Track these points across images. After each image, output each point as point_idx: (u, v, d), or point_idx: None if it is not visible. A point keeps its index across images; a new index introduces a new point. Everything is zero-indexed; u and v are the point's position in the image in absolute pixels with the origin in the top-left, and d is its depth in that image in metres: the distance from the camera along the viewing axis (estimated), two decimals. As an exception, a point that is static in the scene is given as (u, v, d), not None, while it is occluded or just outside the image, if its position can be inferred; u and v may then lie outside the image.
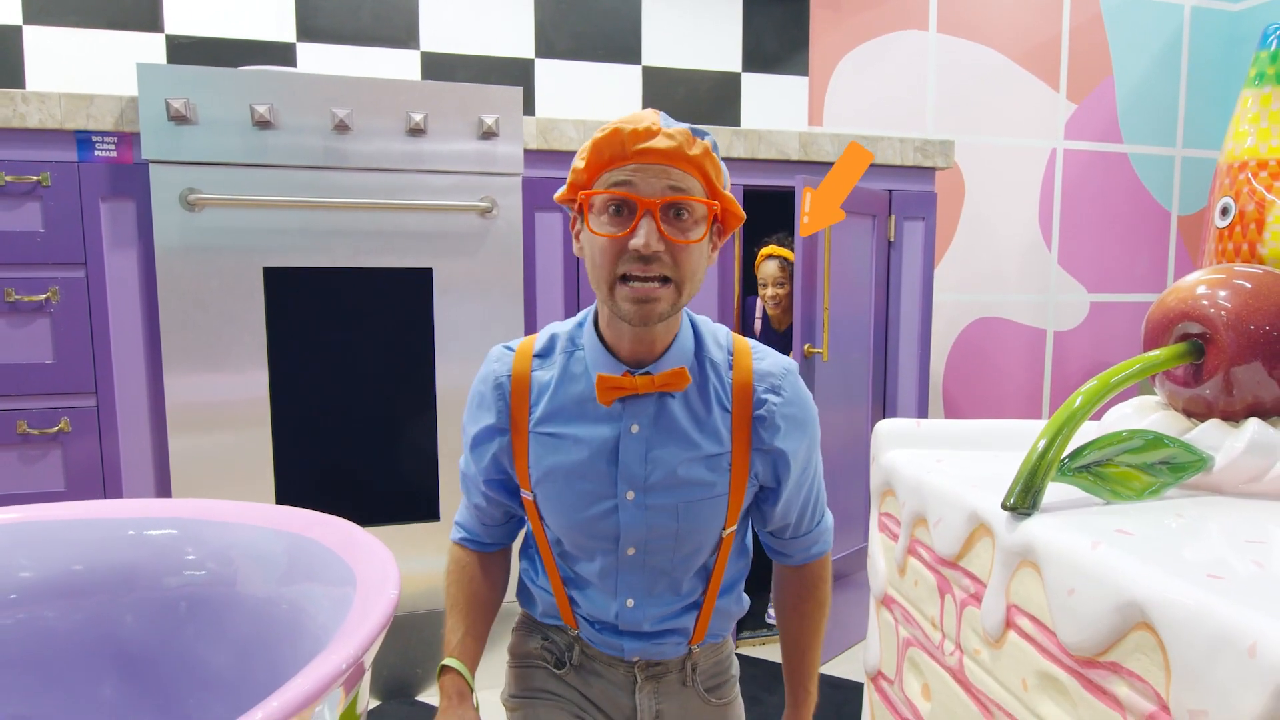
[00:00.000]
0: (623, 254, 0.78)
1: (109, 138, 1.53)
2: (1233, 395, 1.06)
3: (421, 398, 1.68)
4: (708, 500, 0.87)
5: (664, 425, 0.86)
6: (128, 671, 0.98)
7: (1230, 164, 1.96)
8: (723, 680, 1.01)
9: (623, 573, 0.89)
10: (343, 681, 0.70)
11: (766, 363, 0.89)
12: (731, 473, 0.88)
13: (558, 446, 0.86)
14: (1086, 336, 2.82)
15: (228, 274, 1.56)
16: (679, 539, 0.88)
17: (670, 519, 0.86)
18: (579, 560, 0.91)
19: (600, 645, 0.94)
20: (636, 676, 0.95)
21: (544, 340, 0.90)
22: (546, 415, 0.87)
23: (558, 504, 0.88)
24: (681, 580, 0.91)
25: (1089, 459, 0.99)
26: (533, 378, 0.87)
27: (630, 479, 0.85)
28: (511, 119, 1.66)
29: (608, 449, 0.85)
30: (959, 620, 1.10)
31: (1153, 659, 0.75)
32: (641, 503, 0.86)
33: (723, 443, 0.87)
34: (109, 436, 1.57)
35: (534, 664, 0.97)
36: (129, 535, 0.94)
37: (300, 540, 0.94)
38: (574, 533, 0.89)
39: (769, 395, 0.87)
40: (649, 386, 0.83)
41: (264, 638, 0.94)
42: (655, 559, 0.89)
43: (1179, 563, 0.79)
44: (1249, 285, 1.07)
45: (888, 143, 1.95)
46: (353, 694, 0.77)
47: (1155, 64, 2.76)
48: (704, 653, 0.98)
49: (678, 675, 0.97)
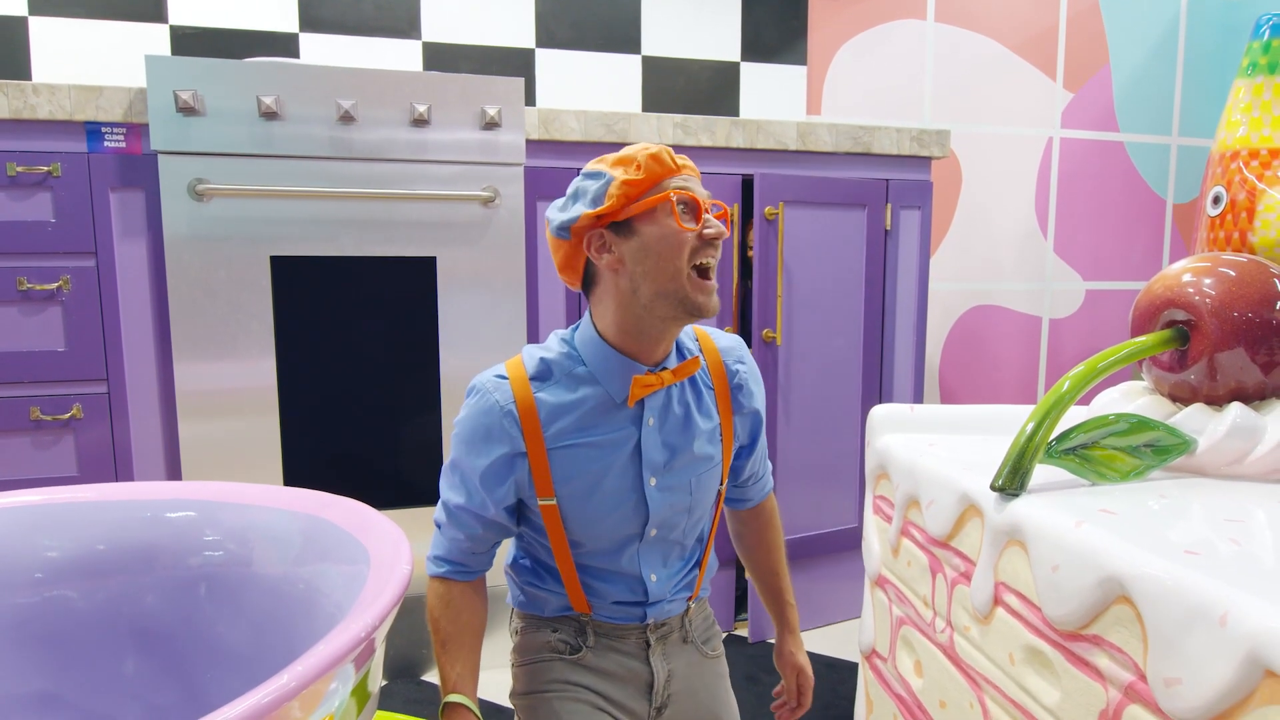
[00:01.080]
0: (696, 247, 0.89)
1: (118, 129, 1.55)
2: (1216, 380, 1.10)
3: (426, 384, 1.71)
4: (711, 471, 0.98)
5: (673, 414, 0.95)
6: (148, 648, 1.01)
7: (1222, 153, 1.99)
8: (712, 634, 1.10)
9: (644, 552, 0.97)
10: (355, 656, 0.73)
11: (724, 340, 1.02)
12: (723, 442, 0.99)
13: (579, 456, 0.92)
14: (1082, 324, 2.85)
15: (236, 263, 1.59)
16: (691, 511, 0.98)
17: (685, 495, 0.96)
18: (600, 554, 0.96)
19: (617, 618, 0.99)
20: (649, 639, 1.01)
21: (533, 365, 0.93)
22: (562, 431, 0.91)
23: (584, 507, 0.93)
24: (689, 544, 1.02)
25: (1076, 442, 1.03)
26: (538, 400, 0.91)
27: (652, 467, 0.94)
28: (514, 109, 1.68)
29: (630, 447, 0.92)
30: (950, 598, 1.14)
31: (1131, 631, 0.78)
32: (663, 485, 0.95)
33: (713, 417, 0.98)
34: (120, 422, 1.60)
35: (545, 658, 1.00)
36: (149, 517, 0.97)
37: (315, 521, 0.97)
38: (603, 530, 0.94)
39: (738, 366, 1.00)
40: (672, 379, 0.92)
41: (280, 616, 0.97)
42: (672, 533, 0.98)
43: (1159, 541, 0.83)
44: (1233, 273, 1.10)
45: (884, 132, 1.98)
46: (364, 669, 0.81)
47: (1152, 53, 2.78)
48: (696, 608, 1.07)
49: (679, 633, 1.04)
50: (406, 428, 1.71)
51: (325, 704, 0.70)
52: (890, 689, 1.34)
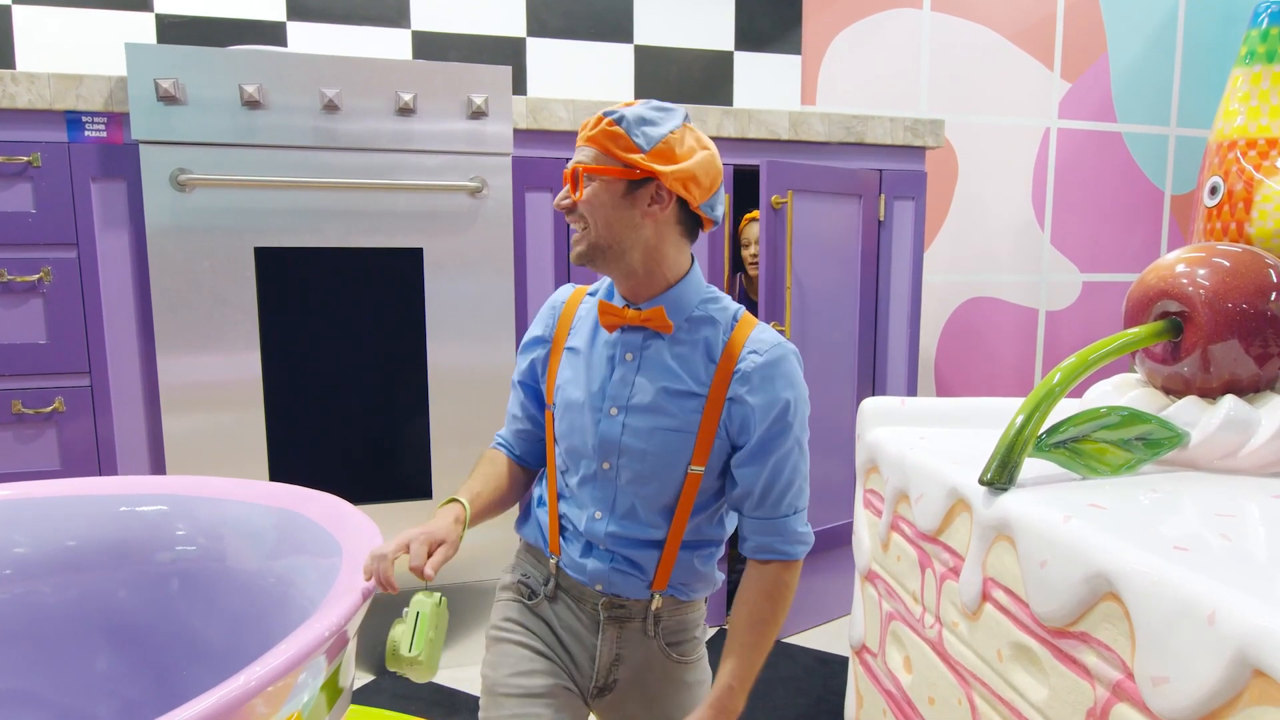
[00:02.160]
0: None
1: (99, 118, 1.53)
2: (1210, 372, 1.08)
3: (414, 376, 1.69)
4: (675, 431, 0.98)
5: (650, 358, 0.99)
6: (123, 645, 1.00)
7: (1220, 143, 1.97)
8: (686, 639, 1.06)
9: (596, 485, 1.00)
10: (325, 649, 0.71)
11: (764, 335, 0.99)
12: (704, 412, 0.97)
13: (572, 362, 1.03)
14: (1079, 316, 2.83)
15: (219, 254, 1.56)
16: (646, 459, 0.98)
17: (643, 440, 0.98)
18: (570, 472, 1.03)
19: (574, 573, 1.01)
20: (600, 615, 1.01)
21: (598, 283, 1.08)
22: (574, 334, 1.05)
23: (563, 411, 1.02)
24: (642, 510, 0.99)
25: (1066, 435, 1.01)
26: (579, 308, 1.06)
27: (615, 398, 0.99)
28: (501, 98, 1.66)
29: (604, 369, 1.00)
30: (939, 594, 1.12)
31: (1119, 628, 0.77)
32: (621, 420, 0.98)
33: (703, 385, 0.98)
34: (103, 416, 1.58)
35: (506, 598, 1.07)
36: (121, 511, 0.96)
37: (289, 515, 0.95)
38: (570, 438, 1.01)
39: (751, 355, 0.98)
40: (634, 319, 0.98)
41: (254, 611, 0.96)
42: (625, 482, 0.99)
43: (1149, 536, 0.81)
44: (1228, 264, 1.08)
45: (877, 121, 1.95)
46: (335, 663, 0.79)
47: (1150, 42, 2.75)
48: (667, 606, 1.03)
49: (640, 624, 1.02)
50: (394, 421, 1.70)
51: (292, 700, 0.68)
52: (880, 684, 1.33)
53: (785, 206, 1.80)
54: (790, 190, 1.81)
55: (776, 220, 1.80)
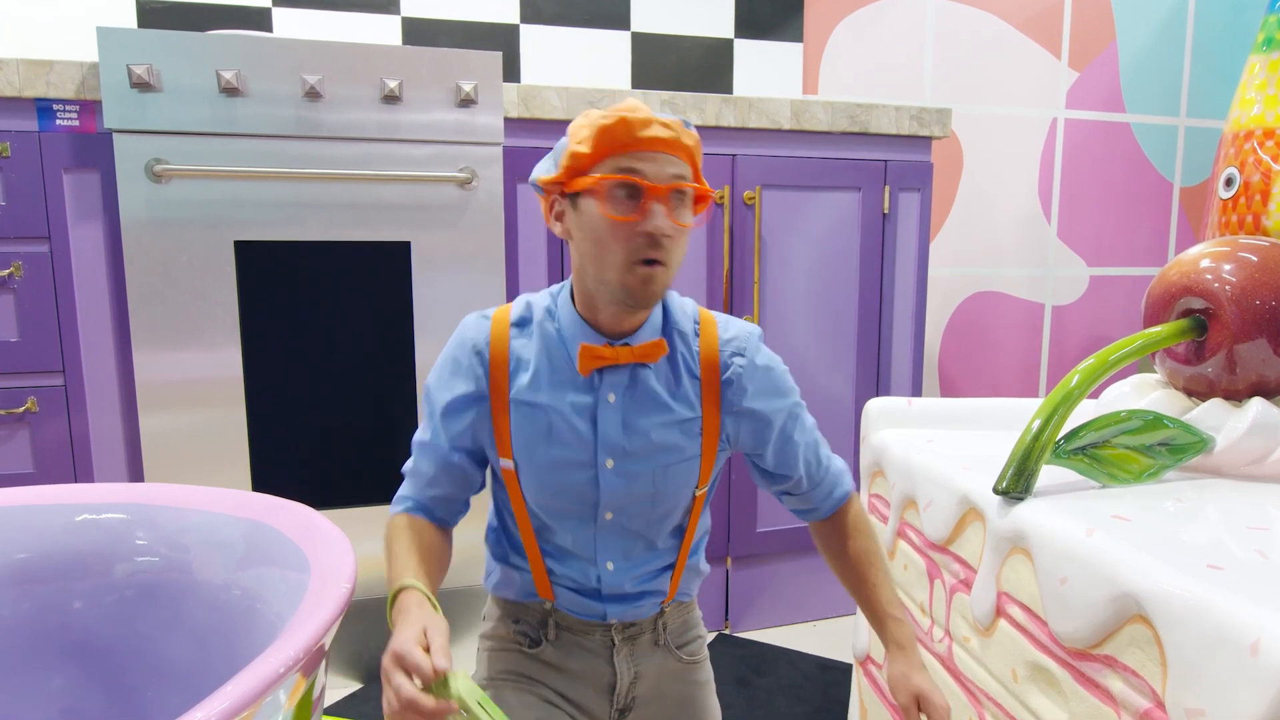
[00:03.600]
0: (634, 237, 0.80)
1: (70, 106, 1.47)
2: (1236, 374, 1.02)
3: (401, 374, 1.63)
4: (681, 463, 0.90)
5: (639, 394, 0.88)
6: (82, 663, 0.94)
7: (1235, 133, 1.90)
8: (691, 638, 1.02)
9: (601, 537, 0.91)
10: (300, 667, 0.66)
11: (731, 330, 0.92)
12: (703, 436, 0.90)
13: (537, 416, 0.88)
14: (1086, 311, 2.77)
15: (197, 248, 1.50)
16: (655, 501, 0.90)
17: (647, 484, 0.89)
18: (556, 530, 0.92)
19: (579, 612, 0.94)
20: (614, 639, 0.95)
21: (519, 309, 0.91)
22: (526, 384, 0.88)
23: (538, 473, 0.88)
24: (657, 540, 0.93)
25: (1085, 441, 0.95)
26: (511, 347, 0.88)
27: (609, 447, 0.87)
28: (491, 86, 1.60)
29: (586, 418, 0.87)
30: (948, 606, 1.07)
31: (1149, 654, 0.71)
32: (620, 469, 0.88)
33: (694, 408, 0.90)
34: (78, 416, 1.53)
35: (508, 647, 0.97)
36: (79, 521, 0.90)
37: (257, 526, 0.89)
38: (553, 500, 0.90)
39: (734, 359, 0.90)
40: (629, 357, 0.86)
41: (221, 626, 0.90)
42: (633, 522, 0.91)
43: (1177, 552, 0.75)
44: (1255, 258, 1.02)
45: (882, 110, 1.89)
46: (310, 679, 0.73)
47: (1160, 30, 2.68)
48: (673, 611, 0.99)
49: (650, 635, 0.97)
50: (380, 420, 1.64)
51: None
52: (886, 698, 1.27)
53: (755, 202, 1.77)
54: (759, 185, 1.78)
55: (747, 215, 1.77)
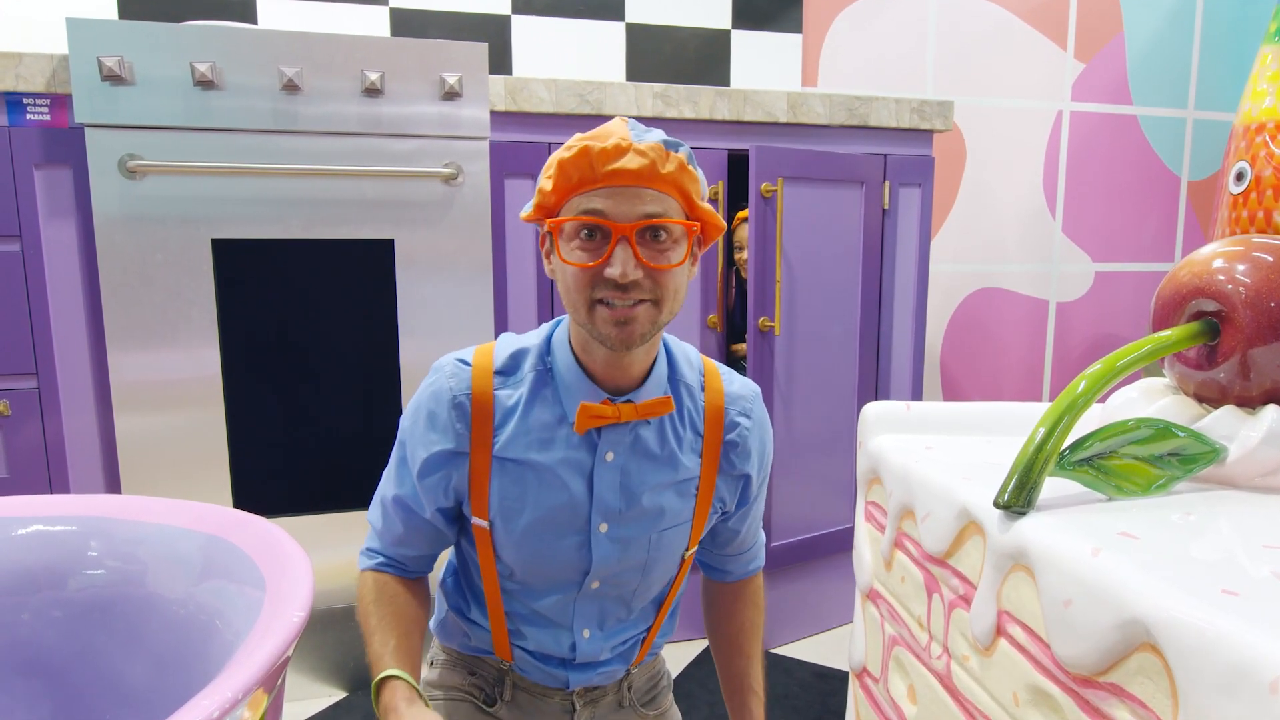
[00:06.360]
0: (598, 281, 0.72)
1: (41, 99, 1.42)
2: (1250, 380, 0.97)
3: (384, 376, 1.59)
4: (676, 527, 0.83)
5: (640, 453, 0.79)
6: (38, 682, 0.90)
7: (1247, 126, 1.85)
8: (657, 692, 0.97)
9: (580, 604, 0.83)
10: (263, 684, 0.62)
11: (736, 385, 0.85)
12: (698, 497, 0.83)
13: (524, 476, 0.79)
14: (1090, 308, 2.72)
15: (173, 246, 1.46)
16: (646, 570, 0.83)
17: (642, 550, 0.81)
18: (531, 594, 0.83)
19: (539, 677, 0.87)
20: (575, 704, 0.89)
21: (505, 357, 0.81)
22: (512, 440, 0.79)
23: (520, 536, 0.80)
24: (637, 608, 0.87)
25: (1091, 451, 0.90)
26: (496, 398, 0.79)
27: (604, 510, 0.79)
28: (476, 78, 1.55)
29: (582, 479, 0.78)
30: (947, 622, 1.02)
31: (1159, 685, 0.66)
32: (615, 535, 0.79)
33: (693, 467, 0.82)
34: (52, 419, 1.48)
35: (462, 699, 0.89)
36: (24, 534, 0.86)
37: (214, 540, 0.85)
38: (535, 565, 0.81)
39: (741, 419, 0.83)
40: (632, 415, 0.77)
41: (178, 644, 0.86)
42: (619, 590, 0.83)
43: (1190, 576, 0.70)
44: (1270, 259, 0.97)
45: (882, 103, 1.83)
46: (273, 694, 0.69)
47: (1168, 21, 2.62)
48: (640, 671, 0.94)
49: (614, 697, 0.92)
50: (363, 422, 1.59)
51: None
52: (882, 712, 1.23)
53: (775, 195, 1.68)
54: (781, 178, 1.69)
55: (766, 210, 1.69)
